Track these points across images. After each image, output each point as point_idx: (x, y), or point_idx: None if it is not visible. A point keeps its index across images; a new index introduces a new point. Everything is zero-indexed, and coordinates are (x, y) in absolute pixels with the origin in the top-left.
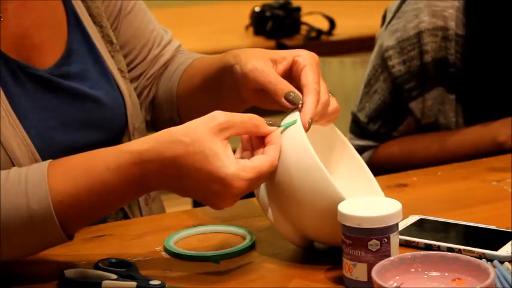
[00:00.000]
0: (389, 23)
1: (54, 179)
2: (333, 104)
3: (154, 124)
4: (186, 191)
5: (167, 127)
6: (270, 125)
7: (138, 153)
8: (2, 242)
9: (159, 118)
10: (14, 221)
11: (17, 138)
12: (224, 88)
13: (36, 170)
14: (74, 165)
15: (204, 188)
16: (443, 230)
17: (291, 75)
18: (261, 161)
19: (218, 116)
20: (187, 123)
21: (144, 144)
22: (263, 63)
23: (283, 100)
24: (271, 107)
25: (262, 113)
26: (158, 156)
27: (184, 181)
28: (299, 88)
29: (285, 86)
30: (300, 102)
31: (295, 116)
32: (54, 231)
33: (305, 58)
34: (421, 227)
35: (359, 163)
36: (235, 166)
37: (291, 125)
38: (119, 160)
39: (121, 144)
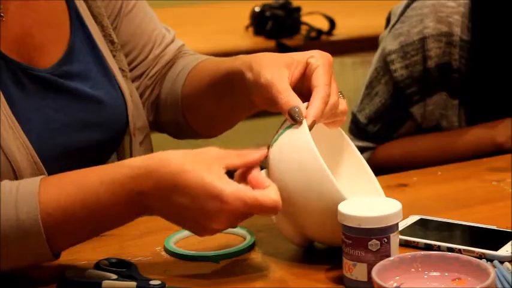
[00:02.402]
0: (393, 26)
1: (46, 191)
2: (342, 105)
3: (157, 125)
4: (179, 214)
5: (172, 128)
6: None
7: (137, 167)
8: None
9: (163, 119)
10: (3, 231)
11: (17, 141)
12: (233, 92)
13: (28, 182)
14: (68, 180)
15: (197, 207)
16: (443, 230)
17: (304, 77)
18: (263, 195)
19: (214, 148)
20: (185, 150)
21: (140, 161)
22: (277, 73)
23: (287, 115)
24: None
25: (269, 113)
26: (154, 172)
27: (178, 199)
28: (311, 89)
29: (290, 100)
30: (302, 118)
31: None
32: (40, 245)
33: (317, 59)
34: (421, 227)
35: (361, 163)
36: (233, 186)
37: (286, 131)
38: (115, 175)
39: (119, 161)
